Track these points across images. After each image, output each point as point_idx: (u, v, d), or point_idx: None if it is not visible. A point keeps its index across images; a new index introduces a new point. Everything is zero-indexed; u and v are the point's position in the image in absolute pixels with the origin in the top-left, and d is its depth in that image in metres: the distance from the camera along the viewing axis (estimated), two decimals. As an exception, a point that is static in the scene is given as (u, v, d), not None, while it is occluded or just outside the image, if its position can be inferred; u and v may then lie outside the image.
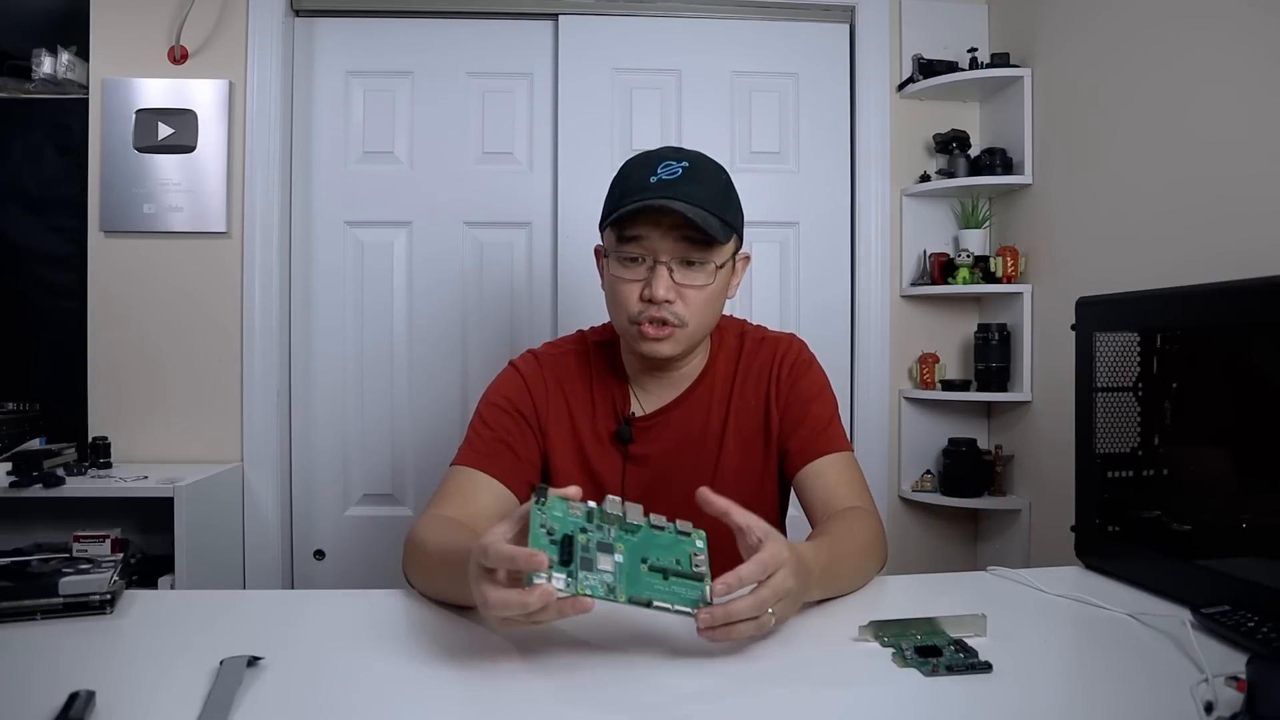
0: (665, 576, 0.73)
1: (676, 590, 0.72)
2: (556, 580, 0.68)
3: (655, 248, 1.02)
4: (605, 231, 1.09)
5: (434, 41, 2.18)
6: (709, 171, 1.06)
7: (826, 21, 2.24)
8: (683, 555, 0.75)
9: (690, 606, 0.71)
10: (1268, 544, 0.87)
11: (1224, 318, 0.94)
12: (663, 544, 0.75)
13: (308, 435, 2.17)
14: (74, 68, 2.03)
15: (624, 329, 1.08)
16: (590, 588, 0.69)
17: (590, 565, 0.70)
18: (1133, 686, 0.71)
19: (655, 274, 1.02)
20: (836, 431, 1.12)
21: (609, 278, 1.08)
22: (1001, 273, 2.09)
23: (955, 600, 0.95)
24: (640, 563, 0.73)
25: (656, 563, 0.73)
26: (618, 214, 1.02)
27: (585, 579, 0.69)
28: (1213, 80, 1.49)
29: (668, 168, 1.03)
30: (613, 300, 1.08)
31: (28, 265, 2.10)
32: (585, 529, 0.73)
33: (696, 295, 1.04)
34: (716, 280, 1.05)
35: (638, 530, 0.75)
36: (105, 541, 1.80)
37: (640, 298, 1.03)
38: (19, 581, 0.86)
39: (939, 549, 2.26)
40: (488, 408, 1.12)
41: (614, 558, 0.72)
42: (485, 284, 2.19)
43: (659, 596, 0.71)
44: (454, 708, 0.68)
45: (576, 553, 0.70)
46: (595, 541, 0.72)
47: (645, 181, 1.02)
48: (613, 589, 0.70)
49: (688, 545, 0.76)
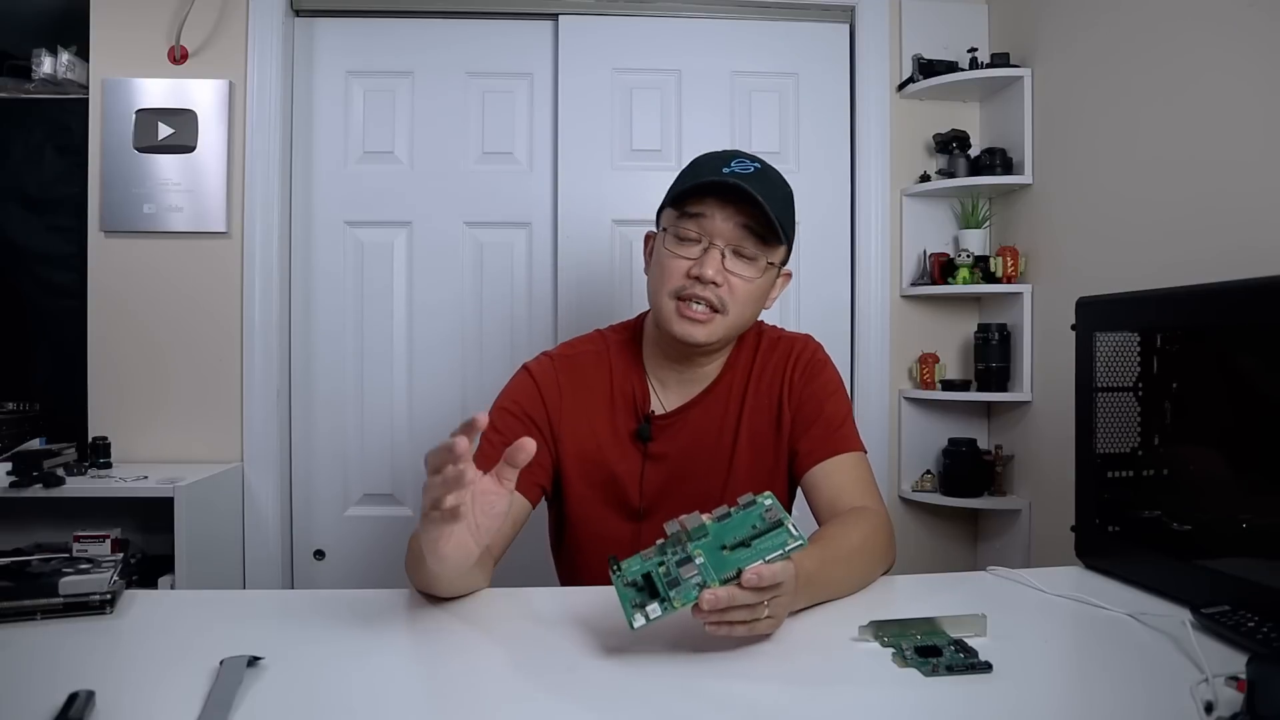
0: (748, 545, 0.75)
1: (762, 548, 0.74)
2: (653, 612, 0.72)
3: (715, 229, 1.04)
4: (665, 213, 1.10)
5: (434, 41, 2.18)
6: (777, 179, 1.10)
7: (826, 21, 2.23)
8: (755, 519, 0.77)
9: (780, 550, 0.73)
10: (1268, 544, 0.87)
11: (1224, 318, 0.94)
12: (734, 525, 0.78)
13: (308, 435, 2.17)
14: (74, 68, 2.03)
15: (661, 305, 1.08)
16: (685, 597, 0.72)
17: (677, 582, 0.73)
18: (1133, 686, 0.71)
19: (708, 255, 1.04)
20: (849, 431, 1.13)
21: (660, 253, 1.09)
22: (1001, 273, 2.08)
23: (955, 600, 0.95)
24: (720, 550, 0.75)
25: (734, 540, 0.76)
26: (689, 187, 1.04)
27: (677, 594, 0.72)
28: (1213, 80, 1.49)
29: (741, 164, 1.07)
30: (659, 275, 1.09)
31: (28, 265, 2.10)
32: (662, 561, 0.76)
33: (743, 287, 1.06)
34: (763, 278, 1.08)
35: (705, 531, 0.77)
36: (105, 541, 1.80)
37: (688, 274, 1.05)
38: (19, 581, 0.86)
39: (939, 549, 2.26)
40: (498, 413, 1.13)
41: (695, 562, 0.75)
42: (485, 284, 2.19)
43: (746, 563, 0.73)
44: (454, 707, 0.68)
45: (659, 582, 0.74)
46: (675, 562, 0.75)
47: (719, 170, 1.05)
48: (703, 584, 0.72)
49: (757, 510, 0.78)
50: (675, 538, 0.78)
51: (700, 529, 0.77)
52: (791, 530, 0.75)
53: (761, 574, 0.71)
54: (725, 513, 0.79)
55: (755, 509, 0.78)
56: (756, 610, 0.74)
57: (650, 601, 0.72)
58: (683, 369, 1.15)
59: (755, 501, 0.79)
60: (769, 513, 0.77)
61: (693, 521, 0.78)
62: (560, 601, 0.93)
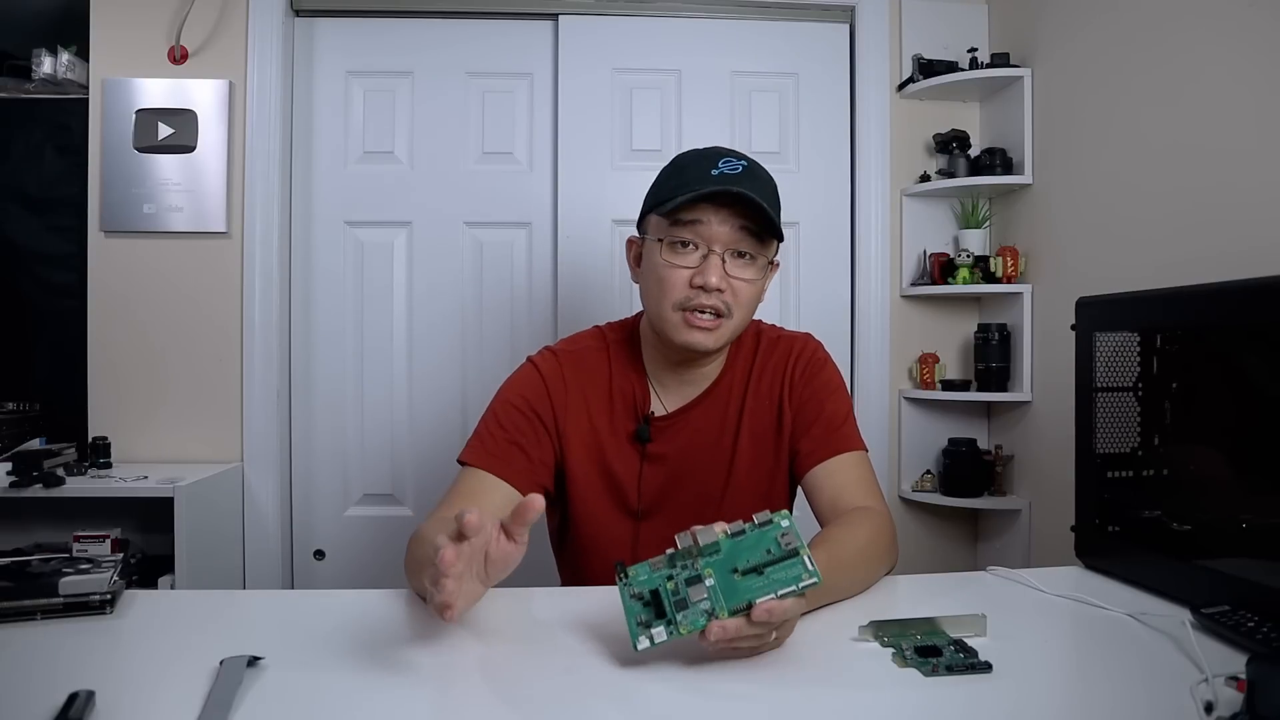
0: (760, 572, 0.73)
1: (775, 578, 0.72)
2: (658, 636, 0.70)
3: (712, 234, 1.03)
4: (651, 219, 1.09)
5: (434, 41, 2.18)
6: (764, 173, 1.08)
7: (826, 21, 2.24)
8: (770, 543, 0.74)
9: (793, 585, 0.71)
10: (1268, 544, 0.87)
11: (1224, 318, 0.94)
12: (748, 545, 0.75)
13: (308, 435, 2.17)
14: (74, 68, 2.03)
15: (665, 318, 1.06)
16: (691, 624, 0.70)
17: (685, 604, 0.71)
18: (1133, 686, 0.71)
19: (708, 262, 1.03)
20: (850, 431, 1.12)
21: (655, 264, 1.06)
22: (1001, 273, 2.08)
23: (955, 600, 0.95)
24: (732, 574, 0.73)
25: (747, 564, 0.73)
26: (683, 198, 1.02)
27: (684, 619, 0.70)
28: (1213, 80, 1.49)
29: (729, 163, 1.04)
30: (657, 287, 1.06)
31: (28, 265, 2.10)
32: (671, 576, 0.74)
33: (745, 289, 1.05)
34: (763, 277, 1.07)
35: (718, 549, 0.75)
36: (105, 541, 1.81)
37: (690, 284, 1.04)
38: (19, 581, 0.86)
39: (939, 549, 2.26)
40: (503, 405, 1.11)
41: (705, 584, 0.72)
42: (485, 284, 2.19)
43: (757, 595, 0.71)
44: (454, 707, 0.68)
45: (666, 601, 0.72)
46: (683, 580, 0.73)
47: (707, 174, 1.03)
48: (711, 612, 0.70)
49: (773, 531, 0.75)
50: (686, 551, 0.76)
51: (713, 545, 0.75)
52: (807, 564, 0.72)
53: (773, 611, 0.70)
54: (740, 529, 0.76)
55: (771, 530, 0.75)
56: (764, 637, 0.73)
57: (657, 624, 0.71)
58: (683, 371, 1.14)
59: (772, 522, 0.76)
60: (785, 537, 0.74)
61: (706, 536, 0.75)
62: (560, 602, 0.93)
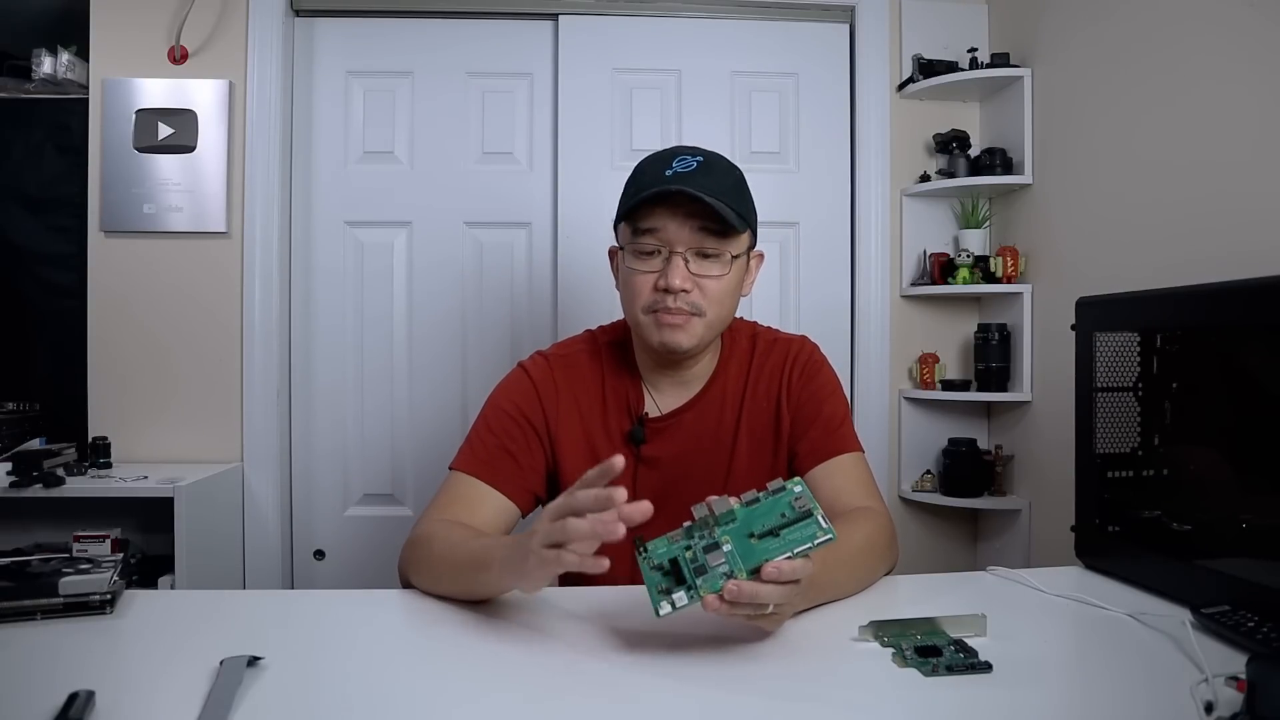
0: (776, 534, 0.74)
1: (791, 539, 0.73)
2: (679, 600, 0.71)
3: (671, 238, 1.03)
4: (620, 228, 1.09)
5: (434, 41, 2.18)
6: (723, 167, 1.07)
7: (826, 21, 2.23)
8: (784, 508, 0.76)
9: (809, 543, 0.73)
10: (1268, 544, 0.87)
11: (1224, 318, 0.94)
12: (763, 511, 0.77)
13: (308, 435, 2.17)
14: (74, 68, 2.03)
15: (639, 322, 1.07)
16: (711, 586, 0.71)
17: (704, 570, 0.73)
18: (1133, 686, 0.71)
19: (671, 264, 1.03)
20: (848, 432, 1.12)
21: (624, 271, 1.08)
22: (1001, 273, 2.08)
23: (955, 600, 0.95)
24: (748, 538, 0.75)
25: (763, 528, 0.75)
26: (634, 202, 1.02)
27: (703, 583, 0.72)
28: (1213, 80, 1.49)
29: (683, 161, 1.04)
30: (627, 293, 1.08)
31: (28, 265, 2.10)
32: (689, 545, 0.76)
33: (714, 285, 1.05)
34: (732, 271, 1.06)
35: (734, 517, 0.77)
36: (105, 541, 1.80)
37: (655, 288, 1.04)
38: (19, 581, 0.86)
39: (939, 549, 2.26)
40: (494, 411, 1.12)
41: (723, 550, 0.74)
42: (485, 284, 2.19)
43: (774, 554, 0.72)
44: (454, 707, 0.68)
45: (685, 568, 0.73)
46: (701, 547, 0.75)
47: (660, 175, 1.03)
48: (730, 574, 0.72)
49: (786, 497, 0.77)
50: (703, 522, 0.77)
51: (729, 514, 0.77)
52: (821, 522, 0.74)
53: (782, 569, 0.71)
54: (754, 498, 0.78)
55: (785, 495, 0.77)
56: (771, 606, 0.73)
57: (677, 589, 0.72)
58: (674, 372, 1.14)
59: (785, 488, 0.78)
60: (798, 501, 0.76)
61: (721, 506, 0.77)
62: (559, 602, 0.93)
